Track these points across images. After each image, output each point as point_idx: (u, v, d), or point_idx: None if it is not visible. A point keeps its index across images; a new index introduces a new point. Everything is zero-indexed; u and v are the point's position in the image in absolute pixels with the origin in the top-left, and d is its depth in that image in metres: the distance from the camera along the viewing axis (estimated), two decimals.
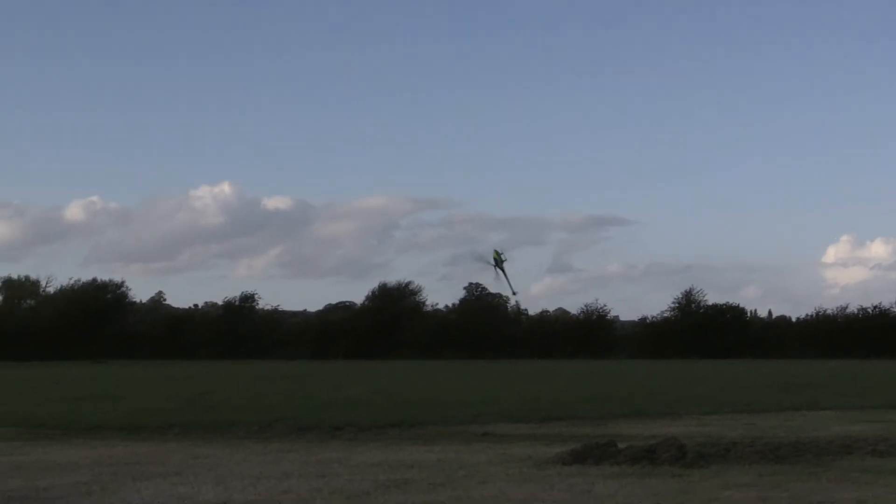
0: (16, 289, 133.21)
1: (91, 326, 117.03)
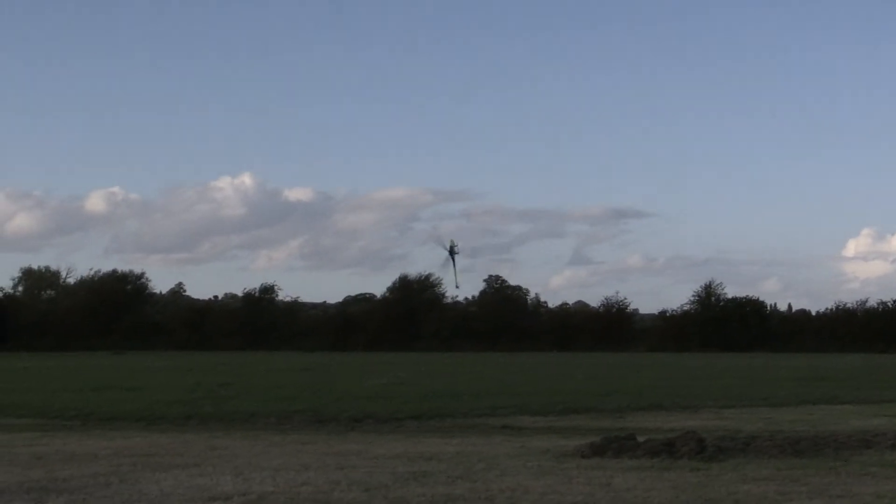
0: (36, 279, 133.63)
1: (111, 317, 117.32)
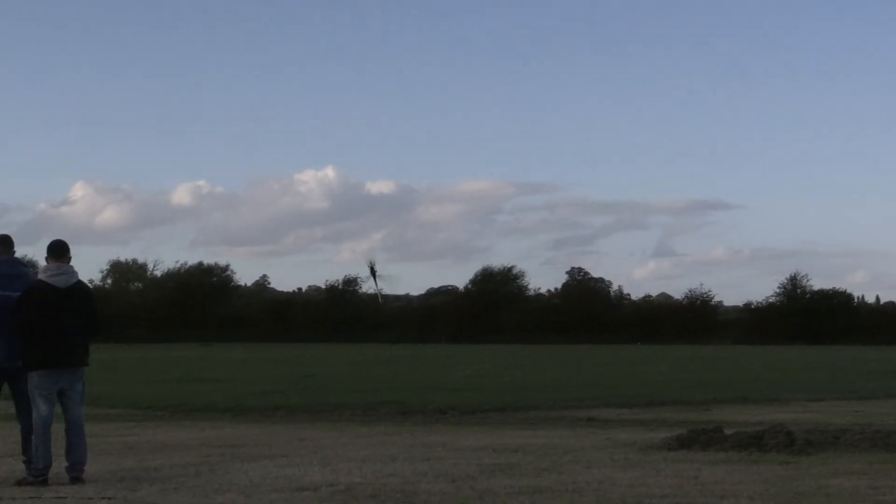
0: (124, 272, 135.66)
1: (197, 309, 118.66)
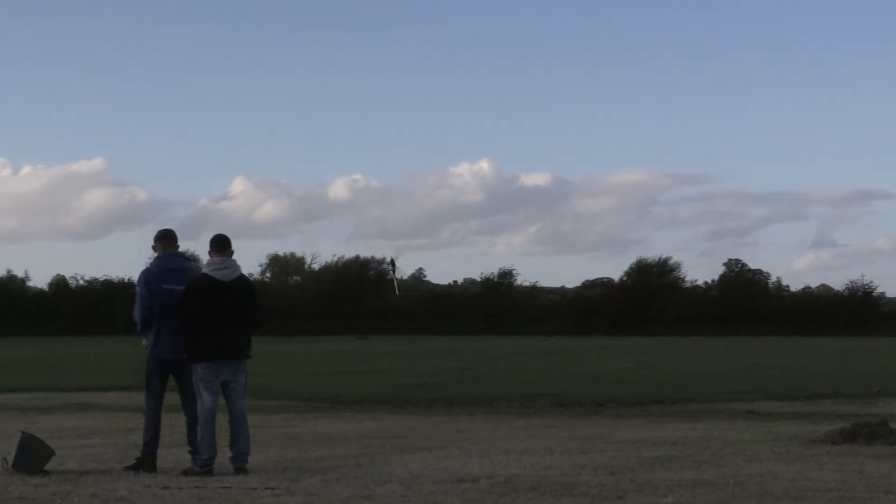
0: (282, 265, 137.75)
1: (354, 302, 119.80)
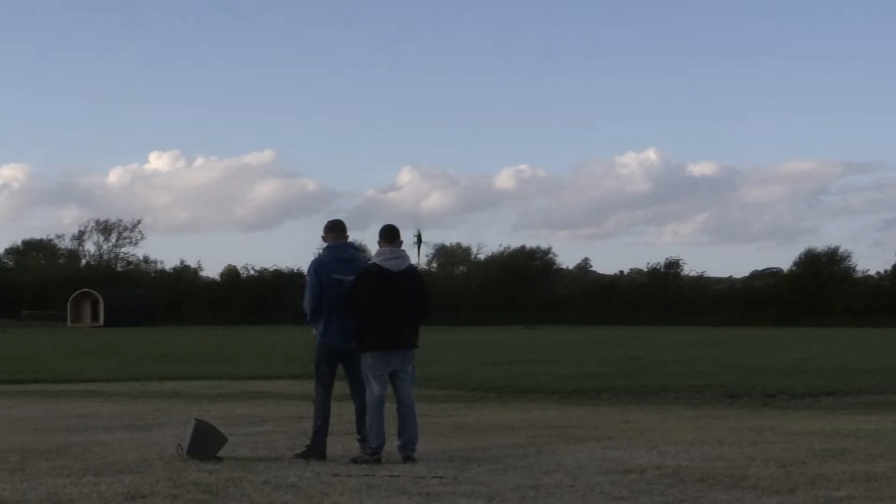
0: (448, 255, 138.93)
1: (520, 292, 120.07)
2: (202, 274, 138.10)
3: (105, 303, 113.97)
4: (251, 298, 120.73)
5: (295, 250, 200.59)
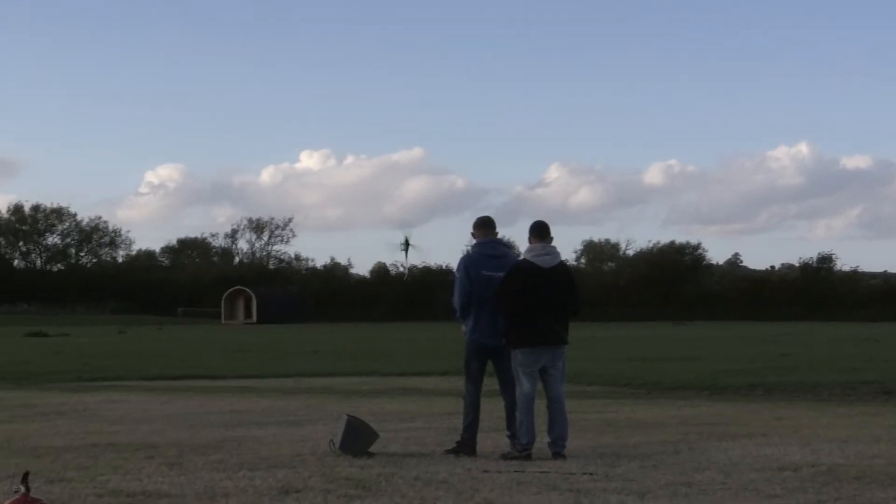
0: (597, 251, 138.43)
1: (669, 288, 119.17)
2: (352, 271, 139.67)
3: (257, 300, 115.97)
4: (401, 295, 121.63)
5: (444, 247, 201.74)
